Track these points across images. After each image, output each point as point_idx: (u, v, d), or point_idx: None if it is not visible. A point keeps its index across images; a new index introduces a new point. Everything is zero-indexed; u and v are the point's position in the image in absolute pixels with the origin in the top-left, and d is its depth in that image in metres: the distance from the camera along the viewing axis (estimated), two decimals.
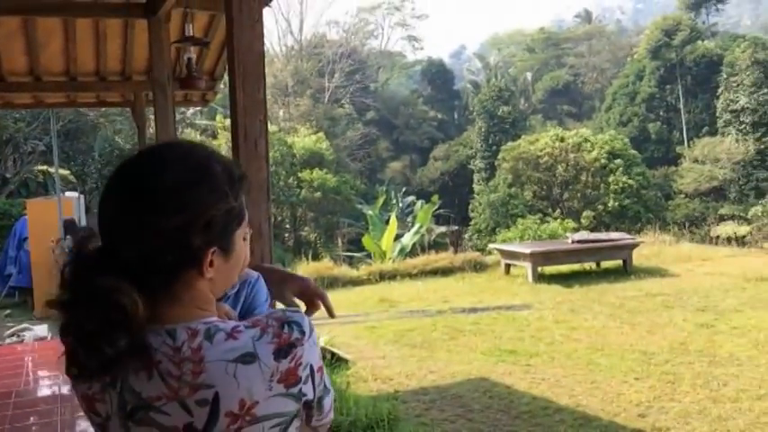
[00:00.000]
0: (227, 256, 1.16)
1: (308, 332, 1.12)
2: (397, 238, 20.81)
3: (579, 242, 14.03)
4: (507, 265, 14.06)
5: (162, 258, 1.08)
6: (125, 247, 1.08)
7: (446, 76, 47.79)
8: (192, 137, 26.19)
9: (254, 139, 3.08)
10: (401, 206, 30.17)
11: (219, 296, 1.22)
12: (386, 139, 41.83)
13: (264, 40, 3.26)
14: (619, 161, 27.05)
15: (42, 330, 8.72)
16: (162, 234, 1.07)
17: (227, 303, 1.54)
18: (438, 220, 31.07)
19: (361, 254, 21.97)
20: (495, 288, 12.94)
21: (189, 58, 5.84)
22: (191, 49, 5.84)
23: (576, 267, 14.00)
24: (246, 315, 1.52)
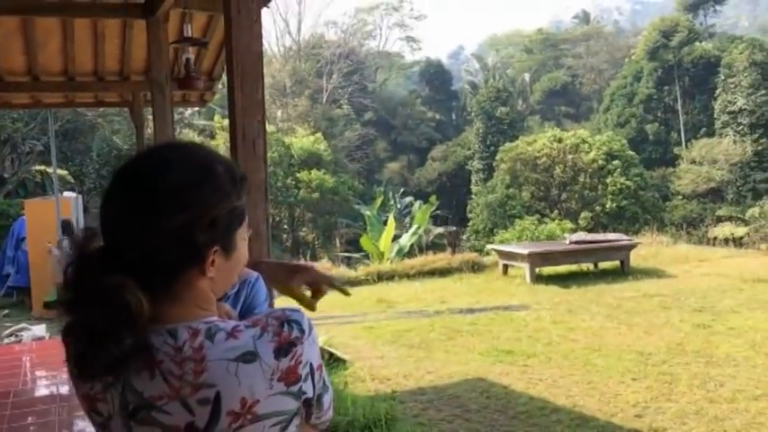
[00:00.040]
0: (228, 256, 1.17)
1: (307, 330, 1.13)
2: (395, 238, 20.82)
3: (577, 243, 14.05)
4: (505, 266, 14.08)
5: (166, 257, 1.09)
6: (129, 247, 1.09)
7: (444, 77, 47.78)
8: (190, 137, 26.17)
9: (252, 140, 3.09)
10: (399, 207, 30.18)
11: (220, 296, 1.23)
12: (384, 139, 41.82)
13: (263, 40, 3.27)
14: (616, 162, 27.08)
15: (40, 330, 8.71)
16: (166, 232, 1.08)
17: (227, 303, 1.55)
18: (436, 220, 31.07)
19: (359, 254, 21.98)
20: (493, 289, 12.95)
21: (187, 59, 5.85)
22: (189, 49, 5.84)
23: (574, 268, 14.01)
24: (246, 314, 1.53)
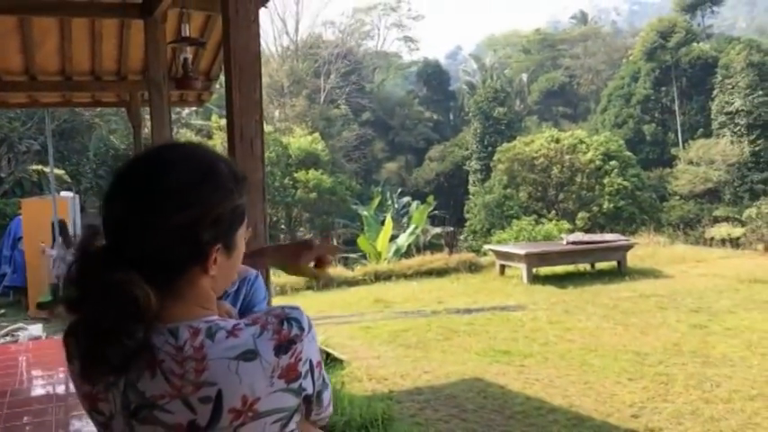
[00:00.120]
0: (229, 254, 1.18)
1: (306, 328, 1.14)
2: (393, 238, 20.83)
3: (574, 243, 14.07)
4: (502, 266, 14.09)
5: (170, 255, 1.10)
6: (133, 245, 1.09)
7: (442, 77, 47.82)
8: (188, 137, 26.15)
9: (249, 140, 3.10)
10: (396, 207, 30.18)
11: (219, 294, 1.24)
12: (381, 139, 41.84)
13: (260, 40, 3.27)
14: (614, 163, 27.11)
15: (37, 330, 8.70)
16: (171, 230, 1.09)
17: (227, 301, 1.56)
18: (433, 220, 31.07)
19: (356, 254, 21.96)
20: (490, 289, 12.96)
21: (185, 59, 5.84)
22: (187, 49, 5.84)
23: (571, 268, 14.03)
24: (246, 312, 1.54)
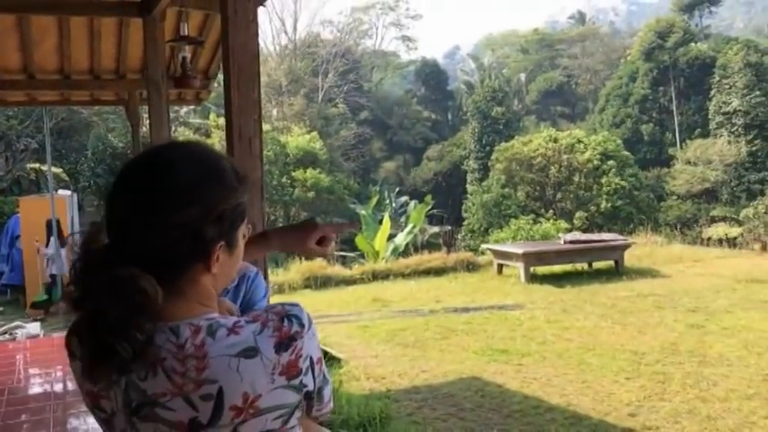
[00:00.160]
0: (231, 252, 1.19)
1: (307, 325, 1.15)
2: (391, 237, 20.82)
3: (571, 243, 14.09)
4: (500, 266, 14.11)
5: (173, 252, 1.10)
6: (137, 243, 1.10)
7: (440, 77, 47.79)
8: (186, 135, 26.17)
9: (248, 138, 3.11)
10: (394, 206, 30.15)
11: (219, 292, 1.24)
12: (379, 138, 41.82)
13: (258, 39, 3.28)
14: (612, 162, 27.12)
15: (34, 328, 8.69)
16: (175, 228, 1.09)
17: (227, 297, 1.56)
18: (431, 220, 31.05)
19: (354, 253, 21.94)
20: (488, 288, 12.98)
21: (183, 57, 5.86)
22: (185, 48, 5.85)
23: (569, 268, 14.05)
24: (246, 310, 1.55)
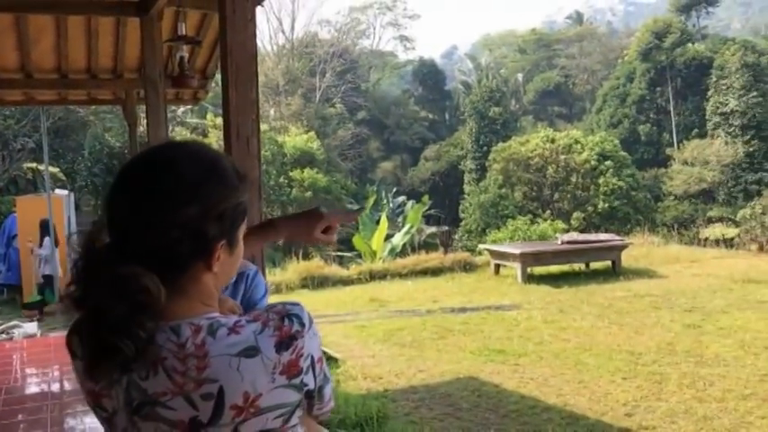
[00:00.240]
0: (232, 251, 1.19)
1: (307, 324, 1.15)
2: (388, 237, 20.82)
3: (569, 243, 14.10)
4: (497, 266, 14.11)
5: (174, 251, 1.11)
6: (139, 242, 1.10)
7: (437, 77, 47.79)
8: (183, 135, 26.14)
9: (246, 138, 3.11)
10: (392, 206, 30.13)
11: (219, 291, 1.24)
12: (377, 138, 41.81)
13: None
14: (609, 163, 27.16)
15: (32, 328, 8.68)
16: (177, 227, 1.10)
17: (225, 293, 1.57)
18: (428, 220, 31.06)
19: (351, 253, 21.95)
20: (485, 288, 12.98)
21: (181, 57, 5.86)
22: (183, 47, 5.84)
23: (566, 268, 14.06)
24: (246, 309, 1.55)
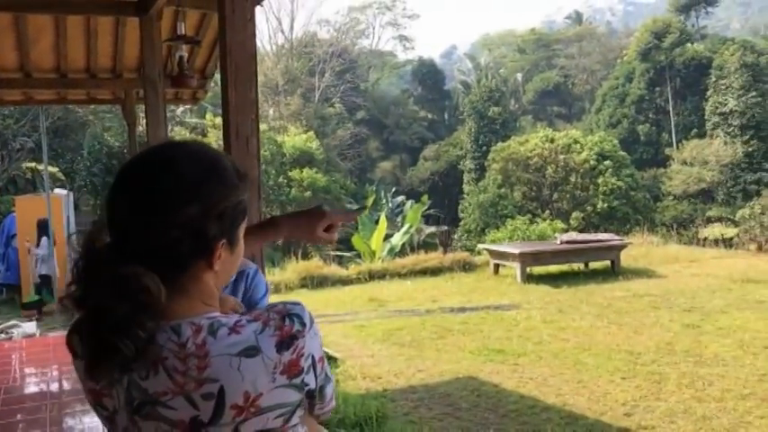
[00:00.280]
0: (232, 250, 1.19)
1: (308, 324, 1.14)
2: (387, 237, 20.82)
3: (568, 243, 14.10)
4: (496, 266, 14.12)
5: (175, 250, 1.11)
6: (140, 242, 1.10)
7: (437, 77, 47.81)
8: (183, 135, 26.13)
9: (245, 138, 3.10)
10: (391, 206, 30.15)
11: (220, 290, 1.24)
12: (376, 138, 41.81)
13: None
14: (608, 162, 27.18)
15: (31, 327, 8.68)
16: (178, 226, 1.10)
17: (224, 292, 1.56)
18: (428, 220, 31.07)
19: (350, 253, 21.95)
20: (484, 288, 12.99)
21: (180, 57, 5.85)
22: (182, 47, 5.84)
23: (565, 268, 14.06)
24: (248, 308, 1.55)
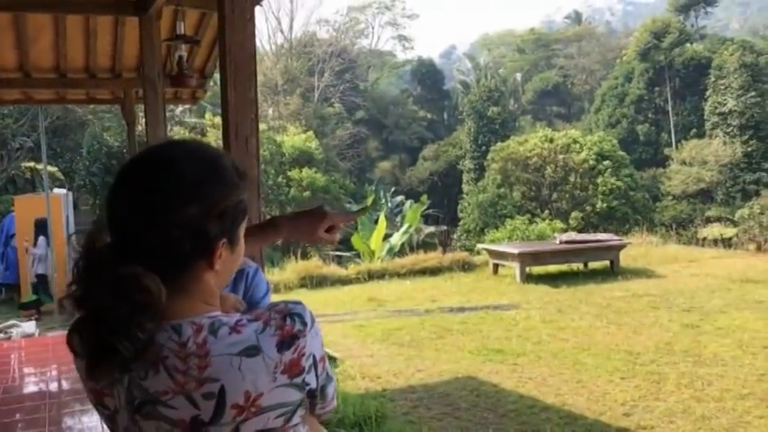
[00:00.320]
0: (232, 249, 1.19)
1: (309, 323, 1.14)
2: (386, 237, 20.83)
3: (567, 243, 14.10)
4: (495, 265, 14.12)
5: (176, 250, 1.10)
6: (140, 242, 1.10)
7: (436, 77, 47.80)
8: (182, 134, 26.11)
9: (245, 137, 3.10)
10: (390, 206, 30.16)
11: (220, 290, 1.24)
12: (375, 138, 41.81)
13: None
14: (607, 162, 27.19)
15: (30, 327, 8.68)
16: (178, 226, 1.09)
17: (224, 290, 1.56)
18: (427, 219, 31.08)
19: (350, 253, 21.94)
20: (484, 288, 12.99)
21: (180, 56, 5.85)
22: (182, 46, 5.83)
23: (564, 268, 14.06)
24: (249, 308, 1.54)
